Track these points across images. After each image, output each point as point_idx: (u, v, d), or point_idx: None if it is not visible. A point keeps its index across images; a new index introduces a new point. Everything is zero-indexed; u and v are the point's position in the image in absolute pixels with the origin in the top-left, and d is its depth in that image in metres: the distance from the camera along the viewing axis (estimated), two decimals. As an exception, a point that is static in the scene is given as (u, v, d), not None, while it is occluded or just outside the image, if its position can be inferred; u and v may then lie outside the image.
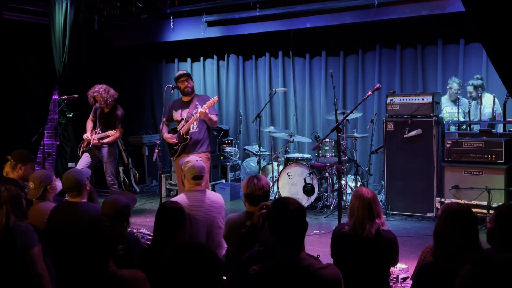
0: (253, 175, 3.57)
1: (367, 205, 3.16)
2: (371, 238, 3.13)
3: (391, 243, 3.23)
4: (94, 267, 2.55)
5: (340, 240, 3.28)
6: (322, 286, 2.36)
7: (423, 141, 6.47)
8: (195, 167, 4.09)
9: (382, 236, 3.17)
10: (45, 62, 8.54)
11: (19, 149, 4.73)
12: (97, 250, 2.55)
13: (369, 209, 3.16)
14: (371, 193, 3.23)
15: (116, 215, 3.38)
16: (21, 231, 3.30)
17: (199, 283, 1.88)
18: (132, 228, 5.23)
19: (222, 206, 4.12)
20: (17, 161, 4.59)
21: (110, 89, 6.61)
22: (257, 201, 3.31)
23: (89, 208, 3.83)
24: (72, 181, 3.89)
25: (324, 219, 6.66)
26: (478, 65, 7.49)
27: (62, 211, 3.85)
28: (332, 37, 8.56)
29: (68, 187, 3.91)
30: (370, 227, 3.14)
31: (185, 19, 9.06)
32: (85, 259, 2.57)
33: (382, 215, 3.22)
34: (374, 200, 3.20)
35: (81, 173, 4.00)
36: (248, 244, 2.98)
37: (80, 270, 2.57)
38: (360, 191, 3.26)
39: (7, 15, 7.90)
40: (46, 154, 6.89)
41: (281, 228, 2.42)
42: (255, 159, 8.52)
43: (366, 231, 3.13)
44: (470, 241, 2.49)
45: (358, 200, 3.20)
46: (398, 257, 3.34)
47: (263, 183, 3.46)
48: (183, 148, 5.89)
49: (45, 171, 4.23)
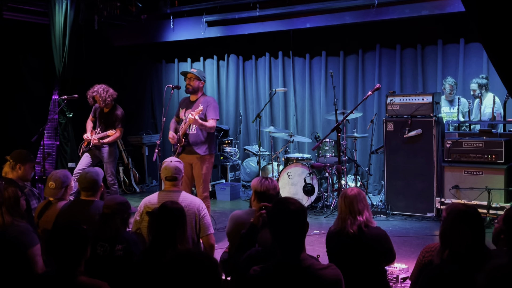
0: (263, 176, 3.59)
1: (348, 203, 3.26)
2: (355, 235, 3.17)
3: (378, 239, 3.23)
4: (61, 268, 2.55)
5: (329, 238, 3.37)
6: (323, 287, 2.36)
7: (423, 141, 6.47)
8: (167, 168, 4.07)
9: (365, 233, 3.19)
10: (45, 62, 8.53)
11: (18, 149, 4.73)
12: (68, 250, 2.56)
13: (350, 206, 3.24)
14: (356, 191, 3.31)
15: (116, 206, 3.42)
16: (20, 231, 3.30)
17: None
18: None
19: (193, 212, 3.88)
20: (16, 161, 4.59)
21: (109, 89, 6.61)
22: (269, 201, 3.29)
23: (101, 207, 3.85)
24: (90, 181, 3.95)
25: (324, 219, 6.66)
26: (478, 65, 7.49)
27: (74, 208, 3.91)
28: (332, 37, 8.56)
29: (85, 187, 3.97)
30: (352, 224, 3.20)
31: (185, 19, 9.06)
32: (57, 258, 2.58)
33: (366, 213, 3.26)
34: (357, 198, 3.26)
35: (99, 174, 4.08)
36: (247, 244, 2.98)
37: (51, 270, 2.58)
38: (346, 189, 3.37)
39: (7, 15, 7.89)
40: (46, 154, 6.89)
41: (282, 228, 2.41)
42: (255, 159, 8.52)
43: (348, 227, 3.19)
44: (478, 241, 2.49)
45: (342, 198, 3.33)
46: (393, 254, 3.33)
47: (275, 183, 3.50)
48: (182, 149, 5.90)
49: (64, 172, 4.30)
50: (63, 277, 2.54)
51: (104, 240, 3.29)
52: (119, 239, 3.31)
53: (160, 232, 3.08)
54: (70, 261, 2.58)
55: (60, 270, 2.56)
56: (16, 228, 3.31)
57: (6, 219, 3.31)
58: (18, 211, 3.42)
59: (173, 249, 2.93)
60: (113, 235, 3.32)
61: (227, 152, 8.86)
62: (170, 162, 4.12)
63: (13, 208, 3.38)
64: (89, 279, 2.58)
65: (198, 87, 5.95)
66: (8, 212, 3.33)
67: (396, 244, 3.34)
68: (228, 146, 8.98)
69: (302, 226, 2.44)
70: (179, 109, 6.07)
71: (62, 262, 2.57)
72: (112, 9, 8.32)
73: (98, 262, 3.20)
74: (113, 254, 3.26)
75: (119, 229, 3.39)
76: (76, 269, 2.58)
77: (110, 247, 3.27)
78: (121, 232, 3.39)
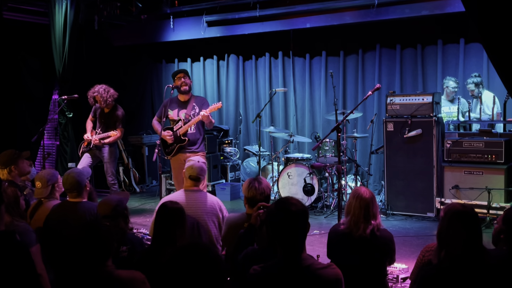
0: (254, 178, 3.56)
1: (364, 206, 3.18)
2: (366, 237, 3.14)
3: (387, 242, 3.23)
4: (91, 267, 2.52)
5: (336, 239, 3.30)
6: (322, 286, 2.36)
7: (423, 141, 6.46)
8: (193, 167, 4.12)
9: (377, 236, 3.17)
10: (45, 62, 8.53)
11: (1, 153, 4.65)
12: (95, 249, 2.53)
13: (366, 210, 3.17)
14: (370, 194, 3.23)
15: (113, 212, 3.37)
16: (19, 231, 3.29)
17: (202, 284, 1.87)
18: (132, 228, 5.22)
19: (215, 210, 4.03)
20: (6, 164, 4.56)
21: (110, 89, 6.61)
22: (256, 204, 3.31)
23: (89, 208, 3.84)
24: (71, 182, 3.90)
25: (324, 219, 6.66)
26: (478, 65, 7.49)
27: (62, 210, 3.86)
28: (332, 37, 8.56)
29: (68, 188, 3.93)
30: (365, 227, 3.15)
31: (185, 19, 9.06)
32: (83, 258, 2.55)
33: (378, 217, 3.23)
34: (372, 201, 3.20)
35: (81, 174, 4.01)
36: (246, 244, 2.98)
37: (77, 269, 2.56)
38: (359, 190, 3.26)
39: (7, 15, 7.90)
40: (46, 154, 6.89)
41: (283, 228, 2.41)
42: (255, 159, 8.52)
43: (361, 231, 3.15)
44: (474, 242, 2.48)
45: (356, 199, 3.22)
46: (395, 255, 3.33)
47: (263, 186, 3.46)
48: (179, 148, 5.91)
49: (51, 170, 4.26)
50: (99, 274, 2.51)
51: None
52: (124, 241, 3.31)
53: (159, 232, 3.08)
54: (102, 258, 2.54)
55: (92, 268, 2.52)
56: (15, 228, 3.30)
57: (6, 219, 3.30)
58: (18, 211, 3.42)
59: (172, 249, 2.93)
60: (118, 237, 3.31)
61: (227, 152, 8.86)
62: (196, 162, 4.17)
63: (13, 208, 3.37)
64: (125, 271, 2.59)
65: (191, 84, 6.03)
66: (8, 212, 3.32)
67: (396, 244, 3.33)
68: (228, 146, 8.98)
69: (303, 227, 2.44)
70: (166, 110, 5.98)
71: (93, 260, 2.52)
72: (112, 9, 8.33)
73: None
74: (117, 255, 3.25)
75: (124, 230, 3.38)
76: (108, 265, 2.57)
77: (115, 248, 3.27)
78: (125, 233, 3.38)
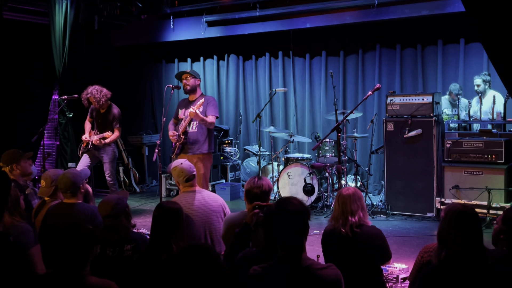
0: (257, 175, 3.58)
1: (342, 203, 3.24)
2: (347, 235, 3.16)
3: (371, 239, 3.21)
4: (66, 270, 2.50)
5: (324, 238, 3.36)
6: (322, 287, 2.36)
7: (423, 141, 6.46)
8: (184, 170, 4.08)
9: (357, 233, 3.17)
10: (45, 62, 8.53)
11: (3, 152, 4.63)
12: (72, 252, 2.51)
13: (344, 207, 3.22)
14: (351, 191, 3.27)
15: (114, 211, 3.35)
16: (19, 231, 3.29)
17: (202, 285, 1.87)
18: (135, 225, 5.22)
19: (219, 206, 4.06)
20: (8, 163, 4.57)
21: (103, 89, 6.59)
22: (253, 199, 3.30)
23: (84, 209, 3.81)
24: (65, 183, 3.88)
25: (324, 219, 6.66)
26: (478, 65, 7.49)
27: (57, 211, 3.85)
28: (332, 37, 8.56)
29: (62, 188, 3.91)
30: (344, 224, 3.19)
31: (185, 19, 9.06)
32: (59, 260, 2.53)
33: (359, 213, 3.22)
34: (351, 198, 3.23)
35: (77, 175, 3.98)
36: (241, 244, 2.97)
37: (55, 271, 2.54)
38: (342, 189, 3.34)
39: (7, 15, 7.89)
40: (46, 154, 6.89)
41: (283, 228, 2.42)
42: (255, 159, 8.52)
43: (340, 227, 3.19)
44: (475, 242, 2.48)
45: (336, 197, 3.32)
46: (389, 253, 3.32)
47: (263, 182, 3.45)
48: (181, 148, 5.91)
49: (57, 170, 4.25)
50: (71, 278, 2.49)
51: (113, 244, 3.27)
52: (128, 239, 3.30)
53: (156, 233, 3.07)
54: (78, 262, 2.52)
55: (67, 271, 2.50)
56: (15, 229, 3.30)
57: (6, 219, 3.30)
58: (18, 211, 3.41)
59: (168, 250, 2.93)
60: (122, 236, 3.30)
61: (227, 152, 8.86)
62: (181, 164, 4.11)
63: (13, 208, 3.37)
64: (98, 279, 2.54)
65: (195, 84, 6.01)
66: (7, 211, 3.31)
67: (396, 244, 3.33)
68: (228, 146, 8.98)
69: (303, 226, 2.44)
70: (178, 110, 6.09)
71: (69, 262, 2.51)
72: (112, 9, 8.33)
73: (107, 263, 3.19)
74: (122, 254, 3.25)
75: (127, 227, 3.38)
76: (84, 270, 2.54)
77: (119, 247, 3.27)
78: (129, 231, 3.38)
